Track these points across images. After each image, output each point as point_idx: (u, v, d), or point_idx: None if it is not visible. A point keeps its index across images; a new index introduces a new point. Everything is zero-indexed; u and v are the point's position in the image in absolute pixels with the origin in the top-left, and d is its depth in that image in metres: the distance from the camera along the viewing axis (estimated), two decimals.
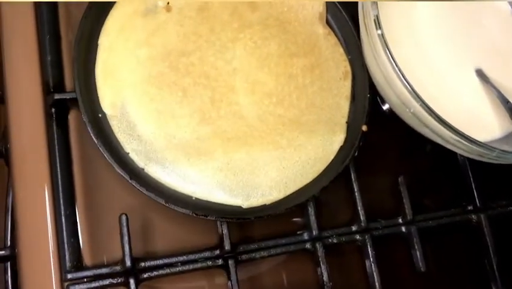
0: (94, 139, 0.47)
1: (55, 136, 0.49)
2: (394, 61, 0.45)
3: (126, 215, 0.47)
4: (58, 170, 0.48)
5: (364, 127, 0.54)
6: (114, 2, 0.52)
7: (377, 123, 0.54)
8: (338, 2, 0.57)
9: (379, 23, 0.45)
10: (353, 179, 0.54)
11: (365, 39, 0.50)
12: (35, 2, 0.52)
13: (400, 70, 0.45)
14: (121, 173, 0.46)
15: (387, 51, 0.45)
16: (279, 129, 0.53)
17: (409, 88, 0.45)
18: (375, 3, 0.45)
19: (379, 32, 0.45)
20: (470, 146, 0.46)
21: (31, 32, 0.51)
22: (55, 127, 0.49)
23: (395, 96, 0.48)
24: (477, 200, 0.59)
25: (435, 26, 0.54)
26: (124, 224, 0.47)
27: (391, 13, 0.52)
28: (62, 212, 0.48)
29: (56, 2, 0.53)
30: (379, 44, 0.46)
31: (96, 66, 0.50)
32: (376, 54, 0.47)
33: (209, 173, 0.50)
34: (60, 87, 0.51)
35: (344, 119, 0.56)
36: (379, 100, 0.57)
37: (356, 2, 0.51)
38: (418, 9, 0.54)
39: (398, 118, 0.53)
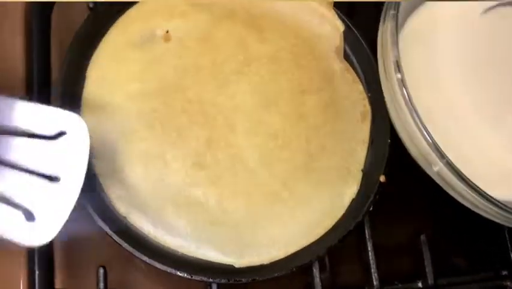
0: None
1: None
2: (416, 113, 0.38)
3: (104, 267, 0.43)
4: None
5: (382, 178, 0.47)
6: (105, 31, 0.47)
7: (398, 170, 0.47)
8: (358, 32, 0.50)
9: (398, 66, 0.39)
10: (367, 237, 0.48)
11: (383, 81, 0.43)
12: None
13: (422, 123, 0.38)
14: (101, 225, 0.42)
15: (408, 100, 0.38)
16: (283, 177, 0.46)
17: (433, 145, 0.38)
18: (396, 45, 0.39)
19: (399, 76, 0.39)
20: (505, 214, 0.39)
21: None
22: None
23: (416, 149, 0.42)
24: None
25: (464, 69, 0.47)
26: (102, 278, 0.43)
27: (411, 57, 0.45)
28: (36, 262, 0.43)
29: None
30: (398, 90, 0.39)
31: (82, 101, 0.46)
32: (395, 101, 0.40)
33: (199, 226, 0.44)
34: None
35: (360, 167, 0.49)
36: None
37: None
38: (444, 52, 0.47)
39: None
